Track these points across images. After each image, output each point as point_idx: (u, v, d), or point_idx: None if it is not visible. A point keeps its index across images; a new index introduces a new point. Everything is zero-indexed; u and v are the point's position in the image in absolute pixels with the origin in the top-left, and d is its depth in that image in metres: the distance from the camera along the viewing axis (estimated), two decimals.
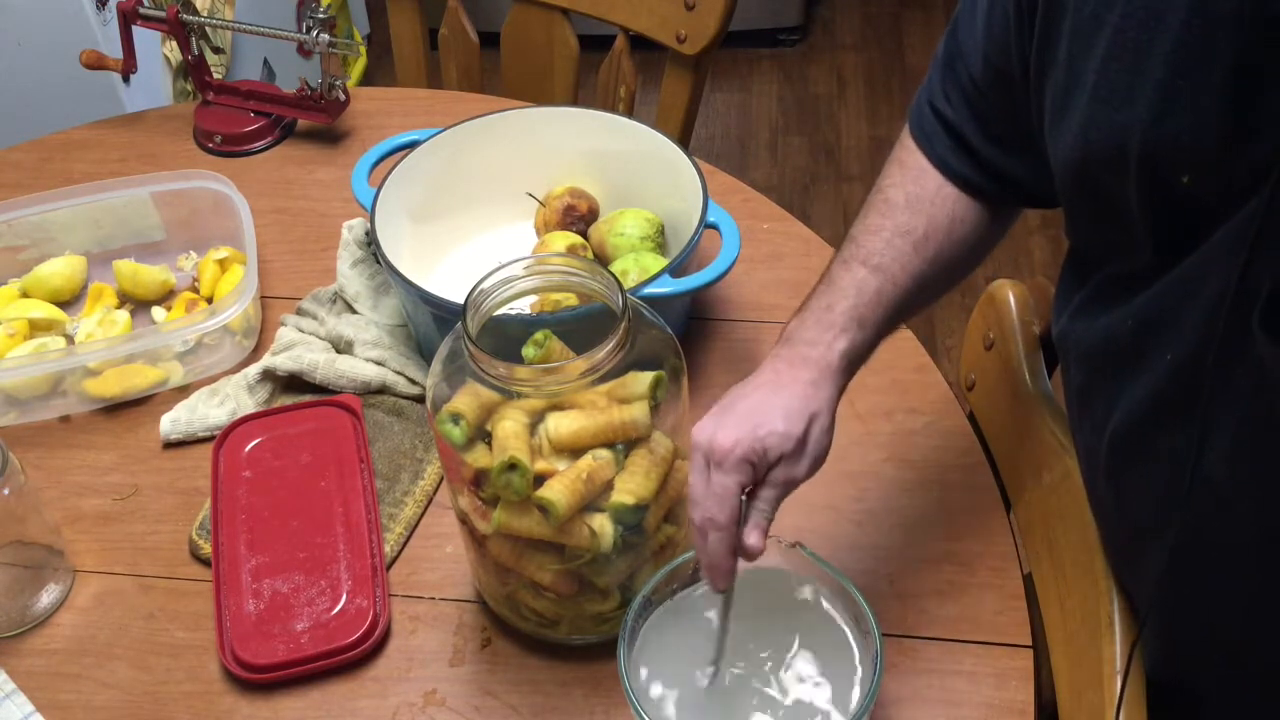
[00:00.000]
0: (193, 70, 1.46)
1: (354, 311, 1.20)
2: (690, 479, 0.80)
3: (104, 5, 1.89)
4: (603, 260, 1.17)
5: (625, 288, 0.82)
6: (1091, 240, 0.81)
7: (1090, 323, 0.80)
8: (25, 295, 1.25)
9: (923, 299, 0.89)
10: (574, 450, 0.83)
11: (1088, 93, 0.70)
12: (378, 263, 1.19)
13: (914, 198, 0.88)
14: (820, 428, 0.81)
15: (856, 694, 0.82)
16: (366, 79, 2.85)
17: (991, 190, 0.89)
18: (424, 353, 1.16)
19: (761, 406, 0.80)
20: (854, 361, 0.84)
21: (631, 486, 0.83)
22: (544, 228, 1.23)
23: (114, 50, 1.47)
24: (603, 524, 0.84)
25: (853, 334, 0.83)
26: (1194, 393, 0.69)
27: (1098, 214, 0.76)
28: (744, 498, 0.79)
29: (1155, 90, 0.65)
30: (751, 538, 0.79)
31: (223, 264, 1.25)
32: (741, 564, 0.86)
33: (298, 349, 1.16)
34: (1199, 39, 0.63)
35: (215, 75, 1.50)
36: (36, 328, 1.21)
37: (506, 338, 0.83)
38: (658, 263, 1.12)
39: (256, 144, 1.45)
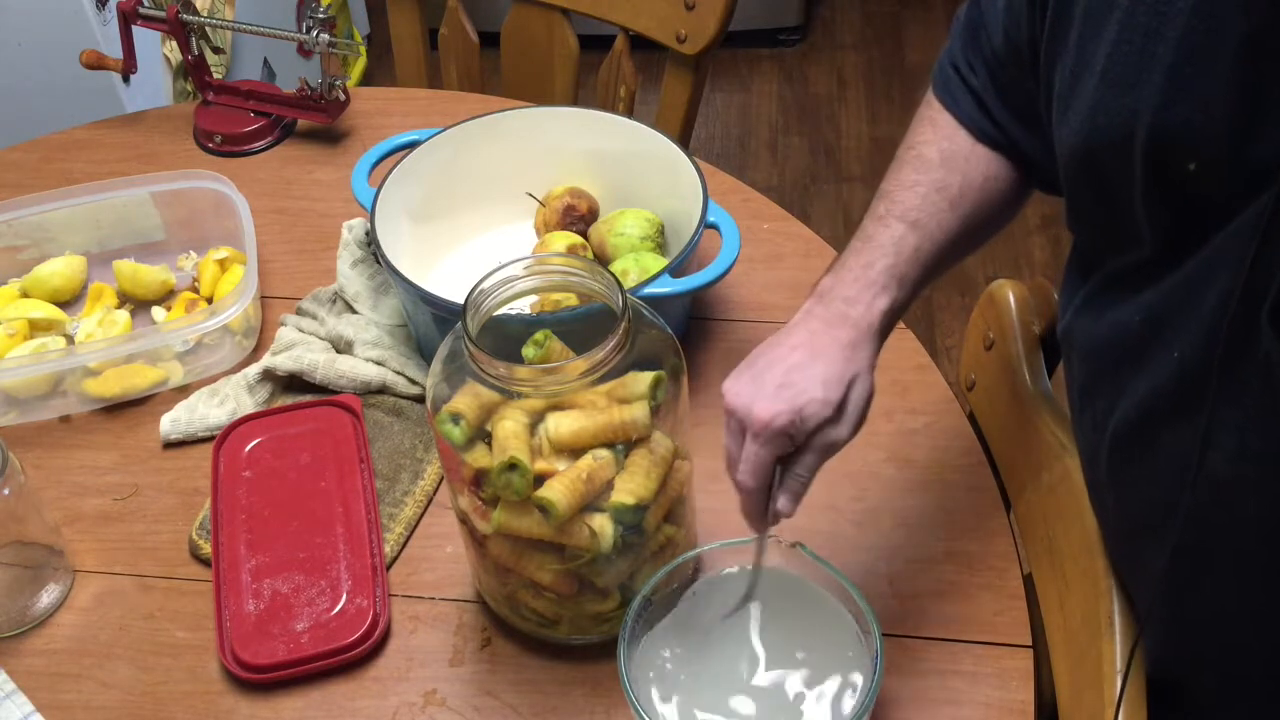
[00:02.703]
0: (193, 70, 1.46)
1: (354, 311, 1.20)
2: (725, 440, 0.81)
3: (104, 5, 1.89)
4: (603, 260, 1.17)
5: (625, 288, 0.82)
6: (1092, 231, 0.81)
7: (1096, 319, 0.80)
8: (25, 295, 1.25)
9: (955, 256, 0.88)
10: (574, 450, 0.83)
11: (1097, 76, 0.70)
12: (378, 263, 1.19)
13: (949, 154, 0.87)
14: (860, 390, 0.81)
15: (856, 694, 0.82)
16: (366, 79, 2.85)
17: (1014, 155, 0.88)
18: (424, 353, 1.16)
19: (799, 372, 0.79)
20: (892, 321, 0.84)
21: (631, 486, 0.83)
22: (544, 228, 1.23)
23: (114, 50, 1.47)
24: (603, 524, 0.84)
25: (893, 292, 0.83)
26: (1200, 390, 0.69)
27: (1101, 204, 0.76)
28: (779, 465, 0.80)
29: (1164, 75, 0.65)
30: (780, 502, 0.80)
31: (223, 264, 1.25)
32: (741, 567, 0.86)
33: (298, 349, 1.16)
34: (1208, 24, 0.63)
35: (215, 75, 1.50)
36: (36, 328, 1.21)
37: (506, 338, 0.83)
38: (658, 263, 1.12)
39: (256, 144, 1.45)
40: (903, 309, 0.85)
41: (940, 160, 0.87)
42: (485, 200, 1.25)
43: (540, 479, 0.82)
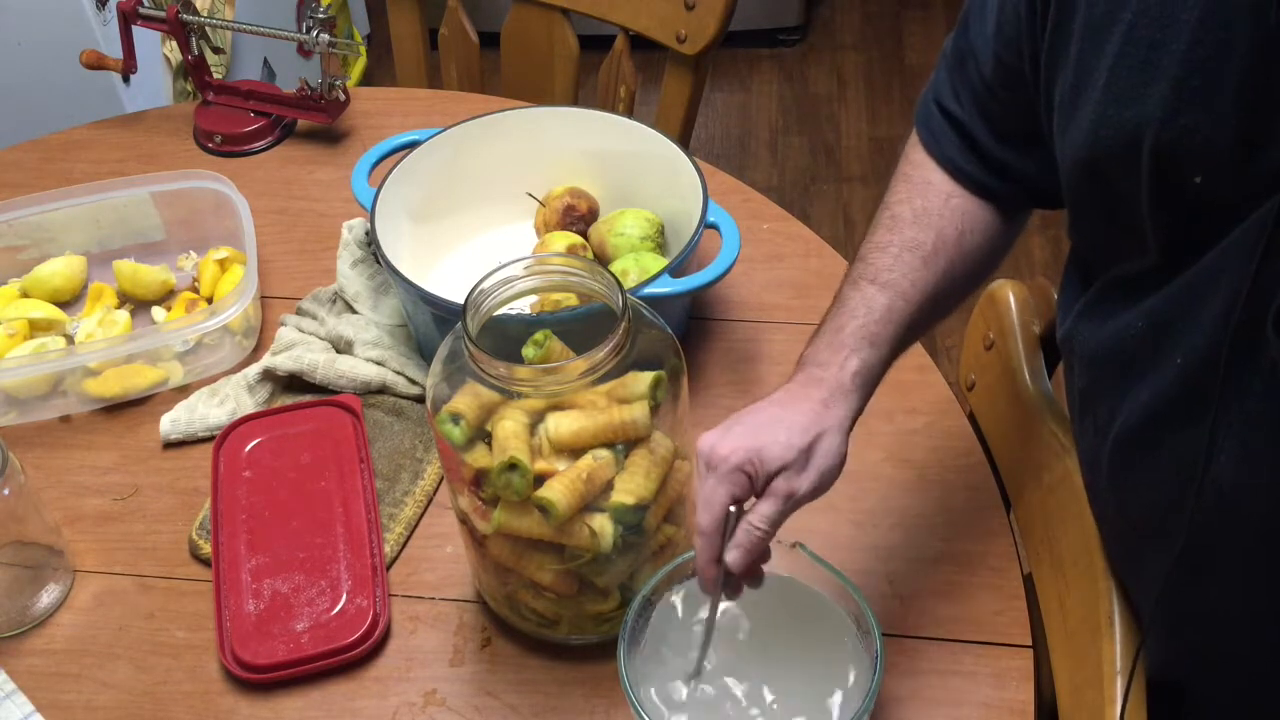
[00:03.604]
0: (193, 70, 1.46)
1: (354, 311, 1.20)
2: (695, 487, 0.80)
3: (104, 5, 1.89)
4: (603, 260, 1.17)
5: (625, 288, 0.82)
6: (1096, 241, 0.81)
7: (1099, 325, 0.80)
8: (25, 295, 1.25)
9: (937, 313, 0.88)
10: (574, 450, 0.83)
11: (1099, 90, 0.69)
12: (378, 263, 1.19)
13: (921, 211, 0.87)
14: (829, 444, 0.80)
15: (856, 694, 0.82)
16: (366, 79, 2.85)
17: (1000, 190, 0.88)
18: (424, 353, 1.16)
19: (768, 421, 0.79)
20: (868, 381, 0.83)
21: (631, 486, 0.83)
22: (544, 228, 1.23)
23: (114, 50, 1.47)
24: (603, 524, 0.84)
25: (864, 353, 0.83)
26: (1204, 396, 0.69)
27: (1105, 214, 0.76)
28: (734, 509, 0.78)
29: (1169, 88, 0.65)
30: (730, 554, 0.78)
31: (223, 264, 1.25)
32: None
33: (298, 349, 1.16)
34: (1213, 37, 0.63)
35: (215, 75, 1.50)
36: (36, 328, 1.21)
37: (506, 338, 0.83)
38: (658, 263, 1.12)
39: (256, 144, 1.45)
40: (880, 367, 0.84)
41: (913, 218, 0.87)
42: (485, 200, 1.25)
43: (540, 479, 0.82)
